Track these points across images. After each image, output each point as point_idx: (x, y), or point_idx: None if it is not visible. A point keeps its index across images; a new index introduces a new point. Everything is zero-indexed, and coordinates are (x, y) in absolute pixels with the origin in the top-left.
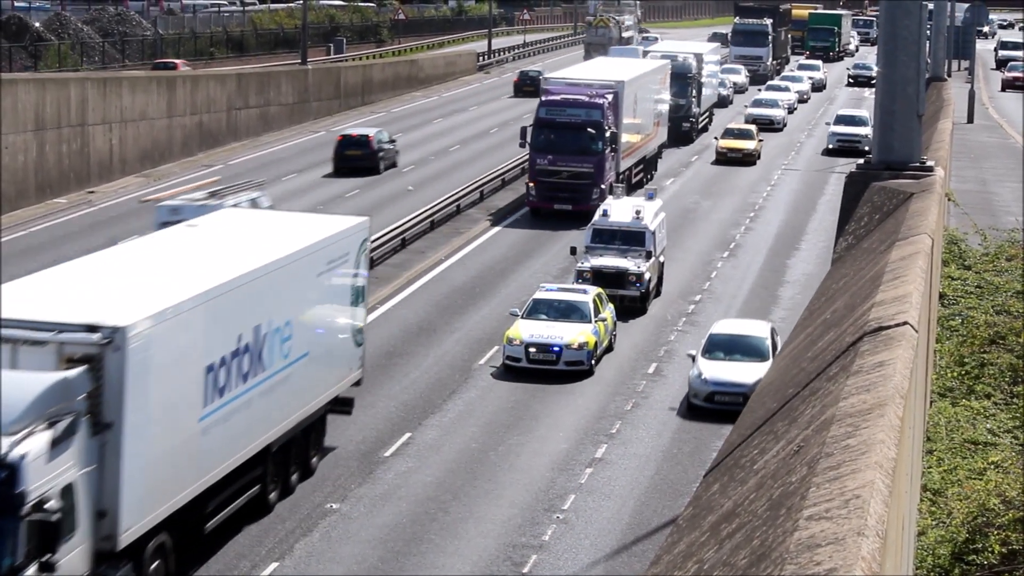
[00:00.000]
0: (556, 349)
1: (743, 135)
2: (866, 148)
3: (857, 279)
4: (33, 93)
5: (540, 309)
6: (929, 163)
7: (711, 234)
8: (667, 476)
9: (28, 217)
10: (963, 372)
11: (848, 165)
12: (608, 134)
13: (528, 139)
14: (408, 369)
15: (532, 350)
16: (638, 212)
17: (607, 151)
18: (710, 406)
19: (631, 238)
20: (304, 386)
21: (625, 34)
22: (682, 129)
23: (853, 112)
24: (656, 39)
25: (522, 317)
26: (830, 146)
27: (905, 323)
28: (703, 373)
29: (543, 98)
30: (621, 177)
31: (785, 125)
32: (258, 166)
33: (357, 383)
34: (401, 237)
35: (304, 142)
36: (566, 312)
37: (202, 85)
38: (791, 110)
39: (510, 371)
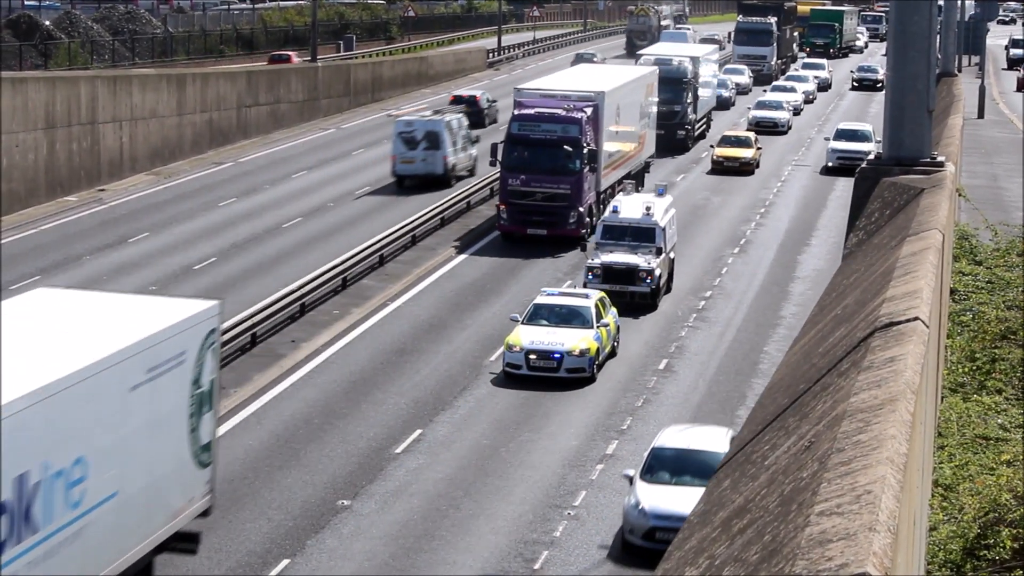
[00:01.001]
0: (557, 356)
1: (740, 143)
2: None
3: (868, 275)
4: (43, 91)
5: (541, 314)
6: (940, 159)
7: (721, 230)
8: None
9: (38, 215)
10: (974, 367)
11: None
12: (586, 151)
13: (499, 157)
14: (419, 366)
15: (532, 357)
16: (648, 208)
17: (585, 170)
18: (651, 546)
19: (641, 234)
20: (111, 536)
21: (663, 22)
22: (677, 137)
23: (856, 126)
24: (690, 30)
25: (522, 323)
26: (829, 164)
27: (916, 318)
28: (641, 502)
29: (515, 112)
30: (602, 197)
31: (790, 127)
32: (269, 163)
33: (204, 513)
34: (412, 234)
35: (315, 139)
36: (567, 317)
37: (212, 83)
38: (797, 111)
39: (510, 378)
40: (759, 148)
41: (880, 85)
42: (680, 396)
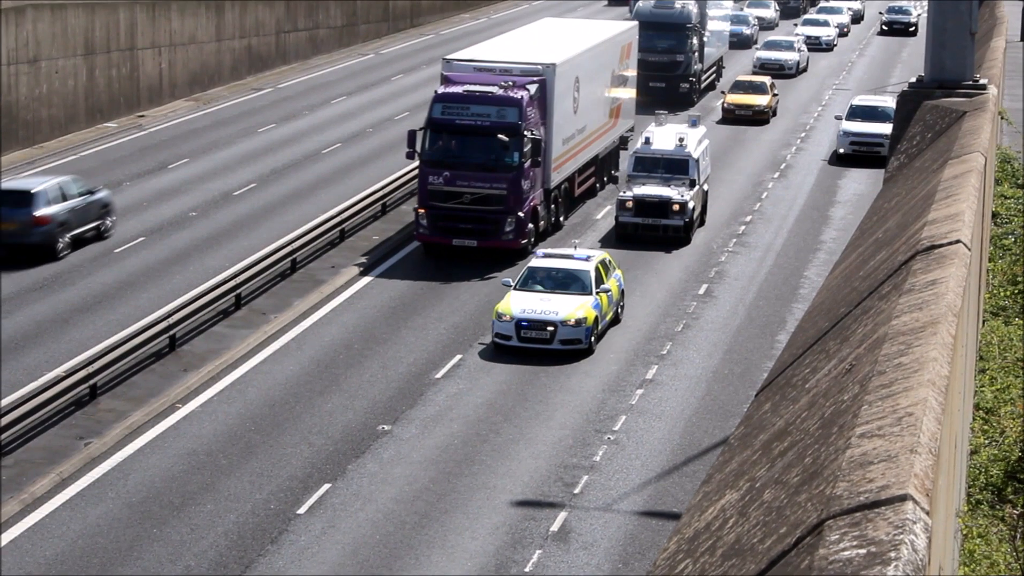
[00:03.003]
0: (550, 326)
1: (754, 89)
2: None
3: (909, 198)
4: (83, 17)
5: (535, 279)
6: (982, 81)
7: (761, 155)
8: (717, 396)
9: (79, 141)
10: (1016, 291)
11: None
12: (528, 141)
13: (417, 147)
14: (459, 291)
15: (523, 327)
16: (681, 139)
17: (527, 164)
18: None
19: (674, 166)
20: None
21: None
22: (680, 90)
23: (875, 101)
24: None
25: (514, 288)
26: (840, 150)
27: (958, 241)
28: None
29: (439, 90)
30: (553, 195)
31: (803, 70)
32: (308, 89)
33: None
34: None
35: (354, 64)
36: (564, 282)
37: (251, 8)
38: (830, 47)
39: (499, 350)
40: (775, 95)
41: (913, 29)
42: (720, 321)
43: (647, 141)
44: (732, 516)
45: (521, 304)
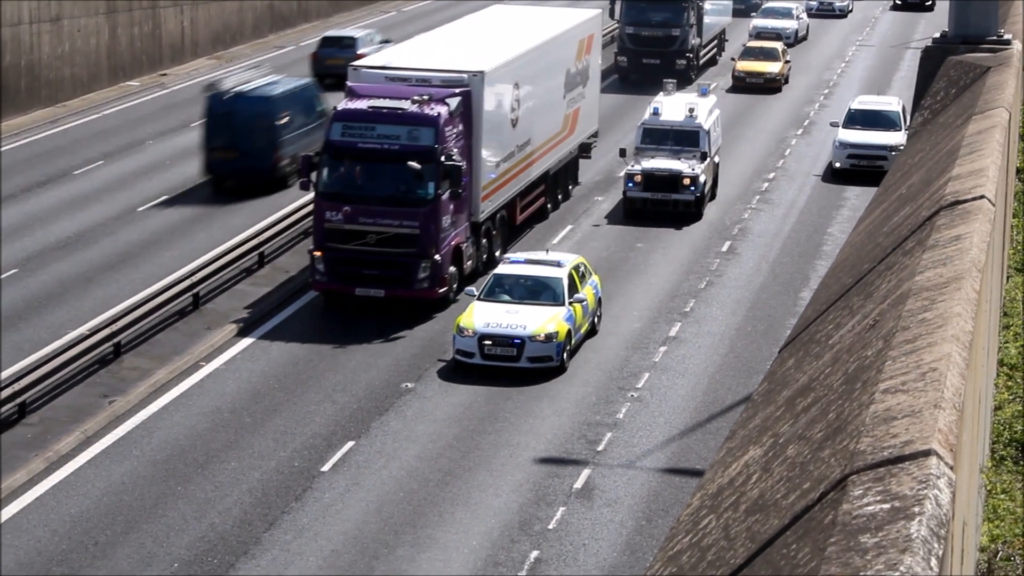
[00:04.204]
0: (517, 341)
1: (765, 55)
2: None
3: (933, 153)
4: None
5: (501, 288)
6: (1007, 36)
7: (785, 112)
8: (741, 353)
9: (101, 100)
10: None
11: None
12: (447, 168)
13: (313, 177)
14: None
15: (487, 343)
16: (691, 110)
17: (445, 196)
18: None
19: (684, 138)
20: None
21: None
22: (676, 68)
23: (879, 103)
24: None
25: (479, 298)
26: (836, 164)
27: (982, 197)
28: None
29: (339, 106)
30: (484, 228)
31: (804, 38)
32: None
33: None
34: None
35: (375, 22)
36: (534, 291)
37: None
38: (843, 13)
39: (460, 368)
40: (787, 61)
41: (930, 3)
42: (743, 278)
43: (656, 112)
44: (756, 472)
45: (485, 317)
